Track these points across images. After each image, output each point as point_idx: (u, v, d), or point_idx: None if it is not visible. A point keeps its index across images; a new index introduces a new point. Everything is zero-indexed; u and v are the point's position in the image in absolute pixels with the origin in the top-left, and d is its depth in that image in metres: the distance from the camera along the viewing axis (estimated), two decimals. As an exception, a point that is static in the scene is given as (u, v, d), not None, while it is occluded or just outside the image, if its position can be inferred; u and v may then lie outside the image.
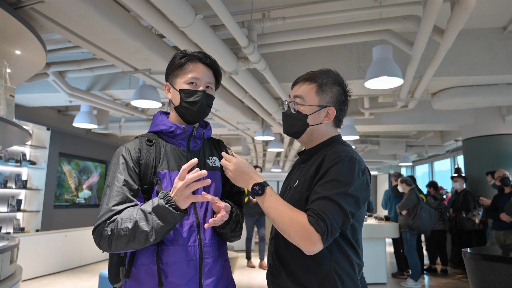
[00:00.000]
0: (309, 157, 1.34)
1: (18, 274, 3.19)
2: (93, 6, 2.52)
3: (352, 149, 1.28)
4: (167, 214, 1.14)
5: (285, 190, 1.38)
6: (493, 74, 4.27)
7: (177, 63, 1.34)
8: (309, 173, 1.26)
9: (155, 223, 1.14)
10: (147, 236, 1.14)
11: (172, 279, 1.23)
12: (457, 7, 2.57)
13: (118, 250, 1.17)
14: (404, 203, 5.64)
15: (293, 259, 1.23)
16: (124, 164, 1.26)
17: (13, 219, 5.88)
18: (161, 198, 1.16)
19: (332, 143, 1.32)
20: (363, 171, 1.21)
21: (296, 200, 1.24)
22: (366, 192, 1.20)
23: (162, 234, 1.17)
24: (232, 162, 1.26)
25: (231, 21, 2.83)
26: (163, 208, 1.14)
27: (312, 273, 1.20)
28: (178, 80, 1.34)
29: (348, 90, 1.36)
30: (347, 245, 1.23)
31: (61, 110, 7.35)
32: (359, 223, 1.26)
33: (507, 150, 5.94)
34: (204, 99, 1.33)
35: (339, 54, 4.58)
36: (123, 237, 1.14)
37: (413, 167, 13.50)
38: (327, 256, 1.20)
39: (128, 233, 1.14)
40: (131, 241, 1.15)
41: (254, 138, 8.40)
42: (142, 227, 1.14)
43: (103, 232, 1.17)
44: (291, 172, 1.46)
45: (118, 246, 1.16)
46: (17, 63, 3.32)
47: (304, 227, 1.10)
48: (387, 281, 5.53)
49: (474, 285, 2.75)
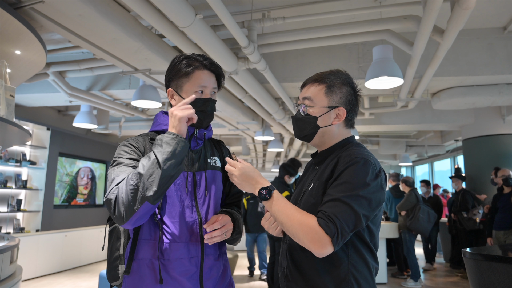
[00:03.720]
0: (323, 159, 1.31)
1: (18, 274, 3.19)
2: (93, 6, 2.52)
3: (367, 150, 1.26)
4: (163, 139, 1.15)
5: (299, 193, 1.34)
6: (493, 74, 4.27)
7: (184, 71, 1.32)
8: (324, 176, 1.23)
9: (158, 153, 1.13)
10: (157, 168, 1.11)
11: (173, 275, 1.23)
12: (457, 7, 2.56)
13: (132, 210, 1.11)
14: (403, 204, 5.64)
15: (308, 262, 1.20)
16: (127, 148, 1.29)
17: (13, 219, 5.88)
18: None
19: (347, 145, 1.29)
20: (378, 174, 1.18)
21: (312, 204, 1.22)
22: (380, 194, 1.18)
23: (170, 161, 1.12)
24: (237, 167, 1.23)
25: (231, 21, 2.83)
26: (159, 138, 1.16)
27: (328, 276, 1.18)
28: (184, 88, 1.33)
29: (358, 90, 1.34)
30: (364, 248, 1.21)
31: (61, 110, 7.34)
32: (376, 225, 1.24)
33: (507, 150, 5.94)
34: (211, 107, 1.35)
35: (339, 54, 4.58)
36: (134, 186, 1.11)
37: (413, 167, 13.50)
38: (344, 260, 1.17)
39: (138, 179, 1.11)
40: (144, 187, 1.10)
41: (254, 138, 8.40)
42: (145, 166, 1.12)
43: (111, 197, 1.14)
44: (304, 174, 1.43)
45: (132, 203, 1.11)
46: (17, 63, 3.32)
47: (313, 229, 1.08)
48: (387, 281, 5.53)
49: (474, 285, 2.75)
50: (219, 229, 1.27)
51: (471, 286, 2.82)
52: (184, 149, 1.16)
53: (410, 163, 10.42)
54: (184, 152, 1.17)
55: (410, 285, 5.29)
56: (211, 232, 1.26)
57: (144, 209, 1.12)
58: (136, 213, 1.11)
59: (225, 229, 1.28)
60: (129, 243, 1.29)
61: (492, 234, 4.92)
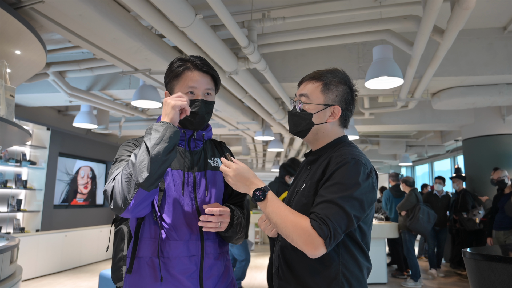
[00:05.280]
0: (316, 158, 1.32)
1: (18, 274, 3.19)
2: (93, 6, 2.52)
3: (359, 150, 1.27)
4: (153, 127, 1.18)
5: (292, 193, 1.36)
6: (493, 74, 4.27)
7: (174, 72, 1.34)
8: (315, 176, 1.24)
9: (147, 141, 1.16)
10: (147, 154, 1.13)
11: (173, 273, 1.24)
12: (457, 7, 2.57)
13: (129, 197, 1.14)
14: (403, 204, 5.65)
15: (300, 262, 1.22)
16: (129, 147, 1.32)
17: (13, 219, 5.88)
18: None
19: (339, 144, 1.30)
20: (369, 174, 1.19)
21: (303, 204, 1.23)
22: (372, 194, 1.18)
23: (161, 148, 1.14)
24: (232, 168, 1.23)
25: (231, 21, 2.83)
26: (149, 127, 1.20)
27: (319, 276, 1.19)
28: (176, 90, 1.34)
29: (354, 90, 1.34)
30: (355, 248, 1.21)
31: (61, 110, 7.35)
32: (367, 225, 1.25)
33: (507, 150, 5.94)
34: (203, 108, 1.33)
35: (339, 54, 4.58)
36: (127, 175, 1.15)
37: (413, 167, 13.50)
38: (335, 259, 1.18)
39: (131, 168, 1.15)
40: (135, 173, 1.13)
41: (254, 138, 8.40)
42: (136, 154, 1.16)
43: (108, 189, 1.18)
44: (298, 174, 1.43)
45: (127, 190, 1.14)
46: (17, 63, 3.32)
47: (306, 231, 1.09)
48: (387, 281, 5.53)
49: (474, 285, 2.75)
50: (215, 215, 1.26)
51: (471, 286, 2.82)
52: (175, 134, 1.18)
53: (410, 163, 10.42)
54: (175, 137, 1.18)
55: (410, 285, 5.29)
56: (207, 216, 1.26)
57: (140, 196, 1.14)
58: (133, 200, 1.13)
59: (221, 218, 1.27)
60: (131, 242, 1.30)
61: (492, 234, 4.92)
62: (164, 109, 1.22)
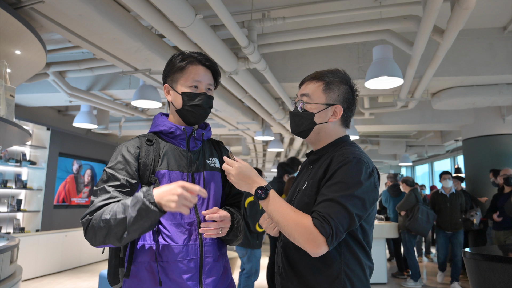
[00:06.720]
0: (318, 158, 1.33)
1: (18, 274, 3.19)
2: (93, 6, 2.52)
3: (361, 150, 1.27)
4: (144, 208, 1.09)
5: (294, 192, 1.36)
6: (493, 74, 4.27)
7: (178, 66, 1.34)
8: (317, 175, 1.24)
9: (130, 216, 1.10)
10: (124, 228, 1.10)
11: (172, 277, 1.23)
12: (457, 7, 2.56)
13: (98, 243, 1.15)
14: (402, 204, 5.65)
15: (302, 260, 1.22)
16: (122, 162, 1.26)
17: (13, 219, 5.88)
18: (142, 192, 1.12)
19: (340, 144, 1.31)
20: (371, 173, 1.19)
21: (305, 203, 1.23)
22: (374, 193, 1.19)
23: (137, 229, 1.11)
24: (234, 166, 1.24)
25: (231, 21, 2.83)
26: (140, 201, 1.10)
27: (321, 275, 1.19)
28: (179, 83, 1.34)
29: (355, 90, 1.35)
30: (357, 247, 1.21)
31: (61, 110, 7.34)
32: (369, 224, 1.25)
33: (507, 150, 5.94)
34: (206, 101, 1.34)
35: (339, 54, 4.58)
36: (102, 228, 1.12)
37: (413, 167, 13.50)
38: (337, 258, 1.19)
39: (106, 225, 1.11)
40: (109, 234, 1.12)
41: (254, 138, 8.40)
42: (118, 219, 1.10)
43: (88, 224, 1.16)
44: (299, 173, 1.44)
45: (98, 239, 1.13)
46: (17, 63, 3.32)
47: (308, 229, 1.09)
48: (387, 281, 5.53)
49: (474, 285, 2.75)
50: (216, 222, 1.26)
51: (471, 286, 2.82)
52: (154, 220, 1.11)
53: (410, 163, 10.43)
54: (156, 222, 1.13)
55: (410, 285, 5.29)
56: (208, 223, 1.26)
57: (110, 246, 1.18)
58: (102, 246, 1.18)
59: (222, 224, 1.28)
60: (128, 246, 1.28)
61: (492, 217, 4.93)
62: (167, 194, 1.10)
